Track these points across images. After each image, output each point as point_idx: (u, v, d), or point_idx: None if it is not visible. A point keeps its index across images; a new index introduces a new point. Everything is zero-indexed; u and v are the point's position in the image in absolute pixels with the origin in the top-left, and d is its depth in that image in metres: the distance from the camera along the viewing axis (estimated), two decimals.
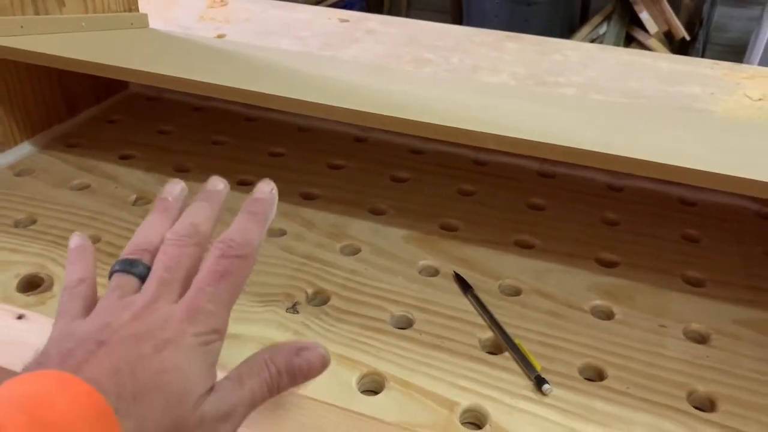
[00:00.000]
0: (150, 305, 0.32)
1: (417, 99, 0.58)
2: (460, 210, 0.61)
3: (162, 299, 0.33)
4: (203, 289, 0.33)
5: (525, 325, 0.48)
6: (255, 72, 0.64)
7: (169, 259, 0.34)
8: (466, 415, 0.41)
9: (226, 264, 0.34)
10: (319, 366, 0.35)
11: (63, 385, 0.28)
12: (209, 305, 0.32)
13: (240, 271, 0.34)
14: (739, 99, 0.81)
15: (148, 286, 0.34)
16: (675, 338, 0.47)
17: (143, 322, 0.31)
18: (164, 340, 0.31)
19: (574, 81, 0.82)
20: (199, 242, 0.36)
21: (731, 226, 0.61)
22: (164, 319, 0.32)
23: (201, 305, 0.32)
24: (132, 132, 0.73)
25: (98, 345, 0.30)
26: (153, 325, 0.31)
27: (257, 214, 0.37)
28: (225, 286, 0.33)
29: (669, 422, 0.40)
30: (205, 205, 0.38)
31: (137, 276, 0.35)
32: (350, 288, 0.51)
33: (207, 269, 0.34)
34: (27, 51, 0.59)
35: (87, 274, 0.36)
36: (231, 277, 0.33)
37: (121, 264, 0.35)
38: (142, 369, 0.29)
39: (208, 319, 0.32)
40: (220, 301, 0.33)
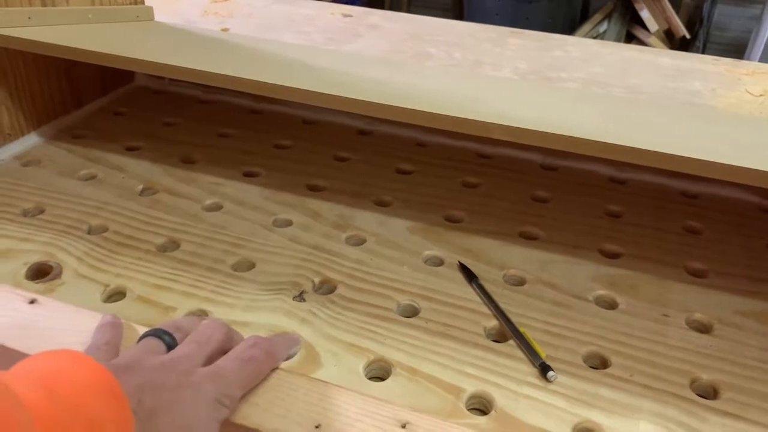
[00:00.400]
0: (176, 360, 0.35)
1: (423, 90, 0.58)
2: (464, 202, 0.62)
3: (187, 361, 0.36)
4: (229, 364, 0.36)
5: (529, 314, 0.48)
6: (261, 63, 0.65)
7: (201, 335, 0.38)
8: (472, 401, 0.41)
9: (255, 353, 0.37)
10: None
11: (75, 361, 0.30)
12: (231, 375, 0.35)
13: (263, 364, 0.37)
14: (741, 95, 0.82)
15: (176, 350, 0.37)
16: (678, 327, 0.48)
17: (169, 367, 0.35)
18: (187, 382, 0.34)
19: (576, 76, 0.83)
20: (229, 336, 0.39)
21: (733, 218, 0.61)
22: (189, 370, 0.35)
23: (224, 373, 0.35)
24: (138, 124, 0.74)
25: (125, 371, 0.33)
26: (178, 370, 0.34)
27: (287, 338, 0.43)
28: (248, 368, 0.36)
29: (672, 409, 0.41)
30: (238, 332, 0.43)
31: (165, 343, 0.38)
32: (356, 277, 0.51)
33: (236, 351, 0.37)
34: (34, 41, 0.60)
35: (114, 340, 0.39)
36: (255, 364, 0.37)
37: (152, 331, 0.38)
38: (163, 394, 0.32)
39: (227, 385, 0.35)
40: (240, 378, 0.36)
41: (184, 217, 0.58)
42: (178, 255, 0.53)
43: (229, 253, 0.53)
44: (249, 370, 0.36)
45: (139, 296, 0.48)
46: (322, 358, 0.43)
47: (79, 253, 0.52)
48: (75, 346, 0.38)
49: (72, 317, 0.41)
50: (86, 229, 0.55)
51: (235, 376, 0.36)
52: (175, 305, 0.47)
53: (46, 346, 0.39)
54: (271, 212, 0.59)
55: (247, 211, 0.59)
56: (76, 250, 0.53)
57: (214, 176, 0.64)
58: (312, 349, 0.44)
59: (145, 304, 0.48)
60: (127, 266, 0.51)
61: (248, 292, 0.49)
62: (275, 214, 0.59)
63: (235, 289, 0.49)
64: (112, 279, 0.50)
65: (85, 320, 0.40)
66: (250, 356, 0.37)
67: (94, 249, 0.53)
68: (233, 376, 0.35)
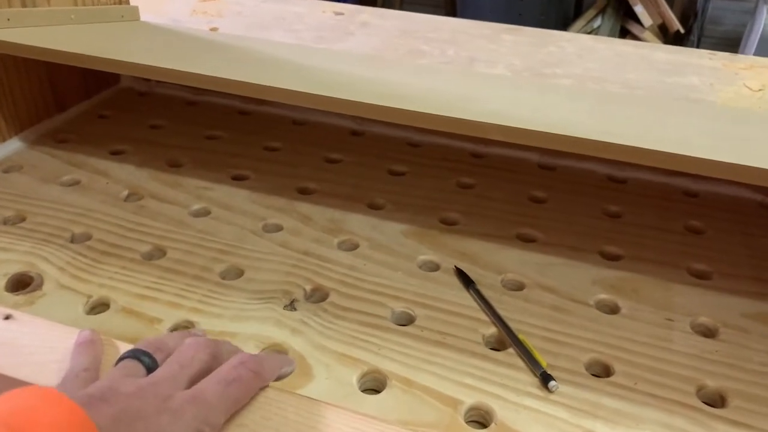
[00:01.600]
0: (155, 384, 0.33)
1: (416, 90, 0.56)
2: (459, 203, 0.60)
3: (167, 384, 0.33)
4: (211, 387, 0.34)
5: (529, 320, 0.47)
6: (250, 64, 0.63)
7: (183, 356, 0.36)
8: (471, 413, 0.40)
9: (241, 373, 0.35)
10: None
11: (47, 401, 0.28)
12: (214, 400, 0.33)
13: (249, 385, 0.35)
14: (739, 89, 0.80)
15: (156, 372, 0.35)
16: (682, 332, 0.46)
17: (148, 392, 0.32)
18: (165, 408, 0.32)
19: (571, 72, 0.81)
20: (214, 354, 0.37)
21: (735, 217, 0.60)
22: (169, 394, 0.33)
23: (206, 397, 0.33)
24: (123, 127, 0.72)
25: (101, 401, 0.31)
26: (157, 396, 0.32)
27: (277, 358, 0.40)
28: (233, 391, 0.34)
29: (679, 418, 0.39)
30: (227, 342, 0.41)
31: (144, 365, 0.35)
32: (349, 284, 0.50)
33: (222, 371, 0.35)
34: (14, 44, 0.58)
35: (92, 365, 0.37)
36: (241, 385, 0.35)
37: (131, 352, 0.36)
38: (141, 425, 0.30)
39: (208, 411, 0.33)
40: (224, 401, 0.34)
41: (171, 224, 0.56)
42: (164, 263, 0.51)
43: (217, 260, 0.51)
44: (233, 393, 0.34)
45: (123, 307, 0.46)
46: (314, 370, 0.42)
47: (61, 262, 0.50)
48: (52, 363, 0.37)
49: (49, 333, 0.39)
50: (69, 238, 0.53)
51: (217, 400, 0.33)
52: (160, 316, 0.45)
53: (22, 364, 0.37)
54: (261, 217, 0.57)
55: (235, 216, 0.57)
56: (58, 259, 0.51)
57: (202, 180, 0.62)
58: (303, 361, 0.42)
59: (130, 315, 0.46)
60: (111, 276, 0.49)
61: (236, 301, 0.47)
62: (264, 218, 0.57)
63: (223, 299, 0.48)
64: (96, 290, 0.48)
65: (62, 336, 0.38)
66: (235, 377, 0.35)
67: (76, 258, 0.51)
68: (215, 401, 0.33)
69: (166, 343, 0.38)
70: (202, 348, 0.37)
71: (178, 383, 0.34)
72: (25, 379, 0.36)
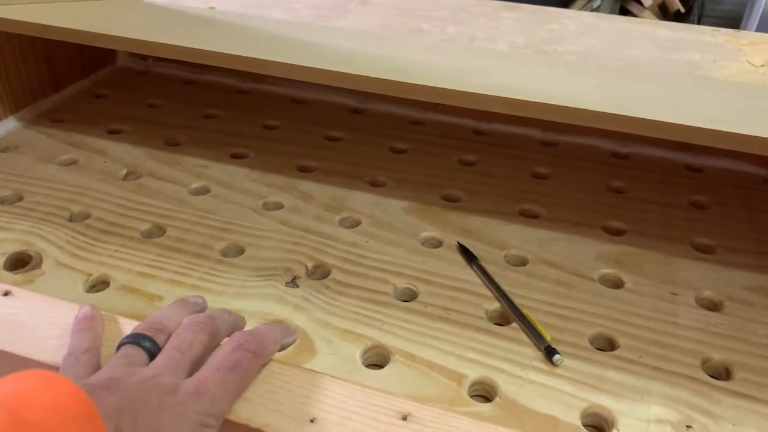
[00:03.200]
0: (158, 376, 0.32)
1: (417, 64, 0.55)
2: (461, 180, 0.60)
3: (169, 374, 0.33)
4: (214, 373, 0.33)
5: (532, 296, 0.46)
6: (249, 40, 0.62)
7: (182, 341, 0.35)
8: (475, 387, 0.40)
9: (240, 356, 0.34)
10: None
11: (46, 383, 0.27)
12: (216, 390, 0.32)
13: (251, 367, 0.35)
14: (742, 65, 0.79)
15: (157, 361, 0.34)
16: (687, 306, 0.46)
17: (150, 385, 0.32)
18: (168, 403, 0.31)
19: (573, 50, 0.80)
20: (213, 333, 0.36)
21: (739, 191, 0.59)
22: (172, 388, 0.32)
23: (209, 388, 0.32)
24: (121, 106, 0.71)
25: (104, 389, 0.30)
26: (160, 389, 0.31)
27: (277, 328, 0.39)
28: (234, 378, 0.33)
29: (684, 391, 0.39)
30: (225, 311, 0.40)
31: (146, 351, 0.35)
32: (351, 261, 0.49)
33: (221, 357, 0.34)
34: (9, 20, 0.57)
35: (93, 345, 0.36)
36: (241, 369, 0.34)
37: (132, 337, 0.35)
38: (143, 418, 0.30)
39: (212, 403, 0.32)
40: (226, 389, 0.33)
41: (170, 202, 0.55)
42: (164, 241, 0.50)
43: (217, 238, 0.51)
44: (235, 379, 0.33)
45: (124, 285, 0.46)
46: (317, 346, 0.41)
47: (60, 241, 0.50)
48: (51, 340, 0.36)
49: (49, 309, 0.38)
50: (67, 217, 0.53)
51: (220, 390, 0.32)
52: (161, 294, 0.45)
53: (21, 340, 0.36)
54: (261, 195, 0.57)
55: (235, 194, 0.57)
56: (57, 238, 0.50)
57: (201, 159, 0.62)
58: (306, 337, 0.42)
59: (130, 293, 0.45)
60: (110, 254, 0.49)
61: (238, 278, 0.47)
62: (264, 197, 0.56)
63: (224, 276, 0.47)
64: (95, 268, 0.47)
65: (62, 313, 0.38)
66: (235, 362, 0.34)
67: (75, 237, 0.50)
68: (218, 391, 0.32)
69: (165, 324, 0.37)
70: (200, 329, 0.36)
71: (179, 371, 0.33)
72: (25, 355, 0.36)
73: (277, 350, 0.38)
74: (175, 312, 0.39)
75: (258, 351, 0.35)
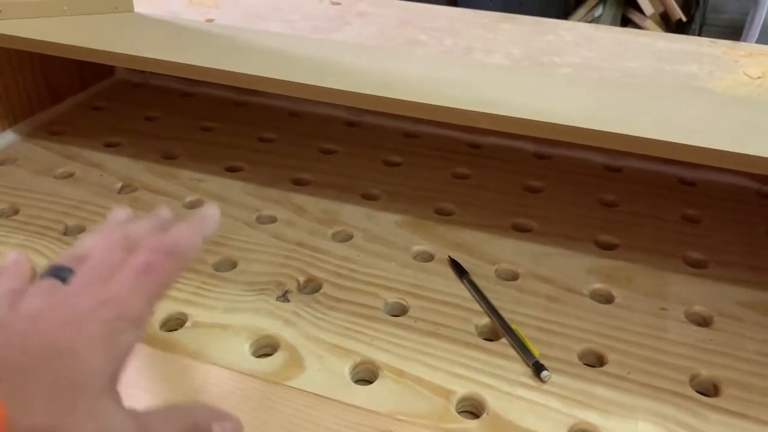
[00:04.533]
0: (63, 297, 0.30)
1: (410, 79, 0.56)
2: (454, 194, 0.60)
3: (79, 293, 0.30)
4: (121, 282, 0.30)
5: (522, 310, 0.46)
6: (245, 55, 0.62)
7: (95, 260, 0.32)
8: (463, 403, 0.40)
9: (152, 258, 0.31)
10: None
11: None
12: (126, 294, 0.30)
13: (166, 269, 0.31)
14: (739, 77, 0.79)
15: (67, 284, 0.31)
16: (677, 321, 0.46)
17: (51, 308, 0.29)
18: (66, 321, 0.28)
19: (570, 61, 0.81)
20: (130, 249, 0.33)
21: (731, 205, 0.60)
22: (73, 303, 0.29)
23: (116, 294, 0.30)
24: (118, 119, 0.71)
25: None
26: (58, 307, 0.29)
27: (194, 224, 0.35)
28: (147, 280, 0.30)
29: (672, 407, 0.39)
30: (144, 221, 0.36)
31: (62, 280, 0.32)
32: (343, 275, 0.49)
33: (132, 262, 0.31)
34: (7, 36, 0.57)
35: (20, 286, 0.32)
36: (155, 271, 0.31)
37: (47, 270, 0.33)
38: (35, 345, 0.27)
39: (122, 308, 0.29)
40: (139, 292, 0.30)
41: None
42: None
43: (211, 252, 0.51)
44: (147, 281, 0.30)
45: None
46: (306, 361, 0.41)
47: (55, 255, 0.50)
48: None
49: None
50: (62, 230, 0.53)
51: (131, 293, 0.29)
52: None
53: None
54: (255, 208, 0.57)
55: (229, 207, 0.57)
56: (51, 252, 0.51)
57: (196, 172, 0.62)
58: (296, 352, 0.42)
59: None
60: None
61: (229, 292, 0.47)
62: (259, 210, 0.57)
63: (216, 290, 0.47)
64: None
65: None
66: (146, 265, 0.31)
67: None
68: (129, 294, 0.29)
69: (84, 249, 0.33)
70: (114, 247, 0.33)
71: (91, 291, 0.30)
72: None
73: (197, 248, 0.34)
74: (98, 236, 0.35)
75: (173, 251, 0.32)
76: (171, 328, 0.44)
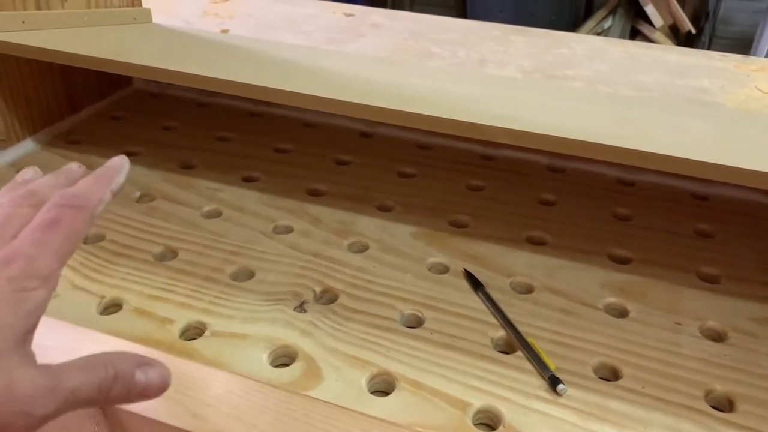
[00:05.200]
0: None
1: (425, 92, 0.57)
2: (469, 206, 0.60)
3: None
4: (26, 236, 0.30)
5: (537, 324, 0.47)
6: (260, 66, 0.63)
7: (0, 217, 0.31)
8: (479, 416, 0.40)
9: (57, 212, 0.31)
10: (157, 387, 0.32)
11: None
12: (31, 250, 0.29)
13: (73, 222, 0.31)
14: (750, 92, 0.80)
15: None
16: (691, 336, 0.46)
17: None
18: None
19: (582, 74, 0.81)
20: (35, 204, 0.32)
21: (745, 220, 0.60)
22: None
23: (20, 250, 0.29)
24: (135, 128, 0.72)
25: None
26: None
27: (101, 176, 0.35)
28: (53, 235, 0.30)
29: (686, 422, 0.39)
30: (52, 176, 0.35)
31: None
32: (358, 286, 0.50)
33: (36, 218, 0.30)
34: (29, 47, 0.58)
35: None
36: (61, 226, 0.30)
37: None
38: None
39: (27, 264, 0.28)
40: (45, 247, 0.29)
41: (182, 225, 0.56)
42: (176, 264, 0.51)
43: (228, 261, 0.52)
44: (55, 236, 0.29)
45: (136, 308, 0.47)
46: (324, 372, 0.42)
47: (74, 263, 0.51)
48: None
49: (62, 334, 0.39)
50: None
51: (36, 249, 0.29)
52: (171, 317, 0.46)
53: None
54: (271, 218, 0.58)
55: (246, 217, 0.58)
56: (71, 260, 0.51)
57: (213, 181, 0.63)
58: (313, 362, 0.43)
59: (142, 316, 0.46)
60: (123, 276, 0.50)
61: (247, 302, 0.48)
62: (275, 220, 0.57)
63: (234, 300, 0.48)
64: (108, 290, 0.48)
65: (77, 337, 0.39)
66: (52, 219, 0.30)
67: (89, 259, 0.52)
68: (35, 250, 0.29)
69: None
70: (19, 203, 0.32)
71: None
72: None
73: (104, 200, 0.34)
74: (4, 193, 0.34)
75: (80, 204, 0.32)
76: (190, 337, 0.45)
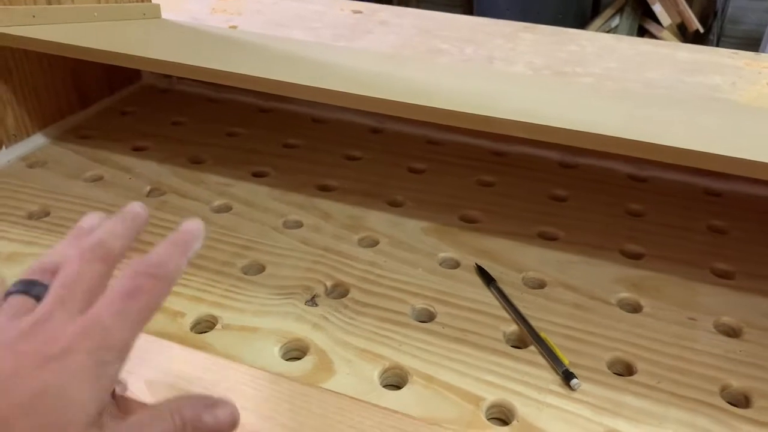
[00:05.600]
0: (42, 323, 0.28)
1: (436, 87, 0.56)
2: (480, 201, 0.60)
3: (57, 318, 0.28)
4: (107, 304, 0.29)
5: (550, 318, 0.46)
6: (270, 61, 0.63)
7: (68, 274, 0.30)
8: (492, 410, 0.40)
9: (138, 282, 0.29)
10: (228, 425, 0.31)
11: None
12: (110, 320, 0.28)
13: (153, 292, 0.30)
14: (762, 89, 0.79)
15: (42, 305, 0.29)
16: (706, 331, 0.46)
17: (30, 338, 0.27)
18: (49, 356, 0.26)
19: (592, 71, 0.81)
20: (104, 258, 0.31)
21: (758, 217, 0.59)
22: (55, 335, 0.27)
23: (100, 319, 0.28)
24: (145, 123, 0.72)
25: None
26: (40, 341, 0.27)
27: (179, 243, 0.33)
28: (133, 304, 0.29)
29: (702, 418, 0.39)
30: (117, 221, 0.33)
31: (35, 297, 0.30)
32: (369, 280, 0.50)
33: (115, 286, 0.29)
34: (39, 40, 0.58)
35: None
36: (142, 296, 0.29)
37: (18, 285, 0.31)
38: (18, 388, 0.25)
39: (106, 335, 0.27)
40: (124, 318, 0.28)
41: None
42: None
43: (239, 255, 0.52)
44: (135, 306, 0.28)
45: None
46: (336, 366, 0.42)
47: None
48: None
49: None
50: None
51: (114, 319, 0.28)
52: (183, 310, 0.46)
53: None
54: (281, 213, 0.57)
55: (256, 212, 0.58)
56: None
57: (223, 176, 0.63)
58: (325, 356, 0.42)
59: None
60: None
61: (258, 296, 0.48)
62: (285, 215, 0.57)
63: (245, 293, 0.48)
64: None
65: None
66: (133, 288, 0.29)
67: None
68: (112, 321, 0.28)
69: (55, 260, 0.31)
70: (90, 257, 0.30)
71: (68, 310, 0.28)
72: None
73: (182, 269, 0.32)
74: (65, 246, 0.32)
75: (159, 274, 0.30)
76: (201, 330, 0.45)
